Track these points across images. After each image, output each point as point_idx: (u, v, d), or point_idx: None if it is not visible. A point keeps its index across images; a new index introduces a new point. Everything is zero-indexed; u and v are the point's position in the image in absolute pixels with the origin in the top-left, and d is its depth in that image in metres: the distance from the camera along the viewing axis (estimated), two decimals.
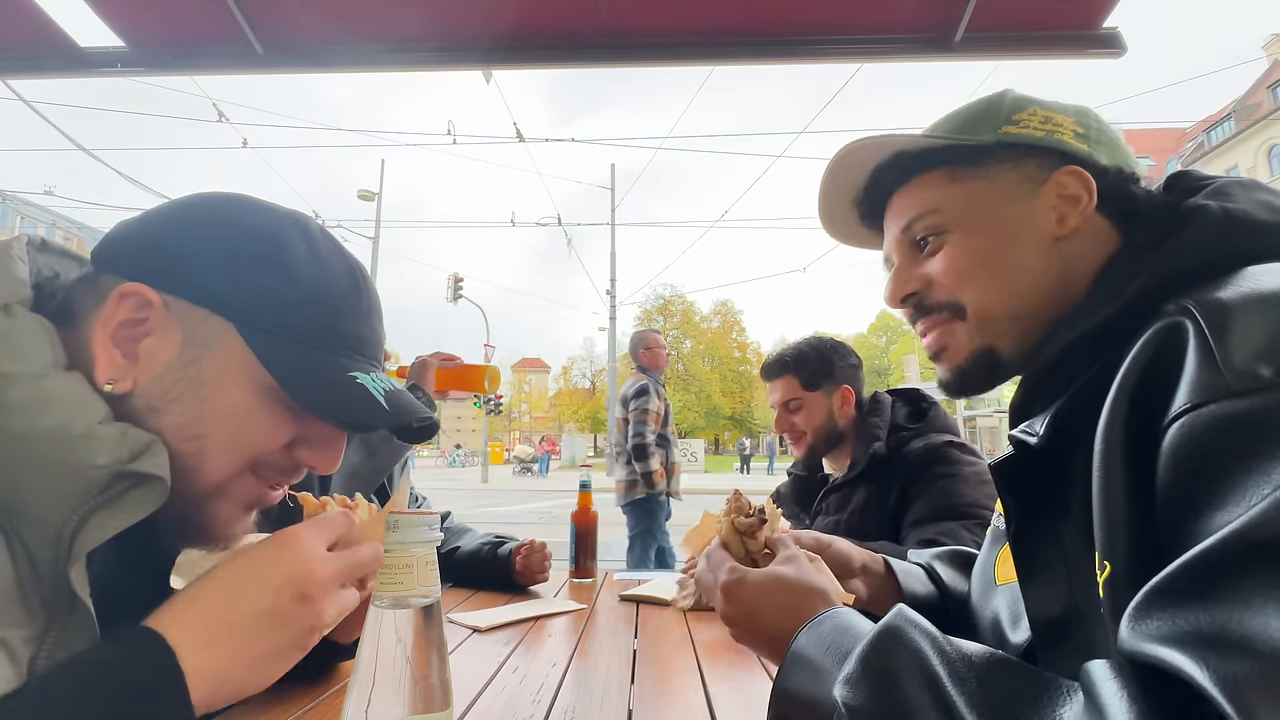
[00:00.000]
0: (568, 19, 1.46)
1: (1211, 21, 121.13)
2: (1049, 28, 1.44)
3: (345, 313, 0.53)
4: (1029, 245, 0.56)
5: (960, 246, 0.59)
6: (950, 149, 0.60)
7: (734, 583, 0.62)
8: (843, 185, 0.67)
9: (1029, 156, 0.57)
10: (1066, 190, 0.55)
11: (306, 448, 0.52)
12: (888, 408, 1.42)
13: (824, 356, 1.46)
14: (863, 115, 64.95)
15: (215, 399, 0.47)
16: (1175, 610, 0.31)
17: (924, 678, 0.39)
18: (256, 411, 0.48)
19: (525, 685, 0.80)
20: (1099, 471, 0.42)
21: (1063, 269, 0.55)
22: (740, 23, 1.47)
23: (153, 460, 0.43)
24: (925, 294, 0.62)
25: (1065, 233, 0.55)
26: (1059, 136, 0.57)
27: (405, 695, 0.36)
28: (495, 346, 18.65)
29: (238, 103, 18.36)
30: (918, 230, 0.61)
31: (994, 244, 0.57)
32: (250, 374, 0.48)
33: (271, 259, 0.49)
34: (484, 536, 1.48)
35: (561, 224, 17.75)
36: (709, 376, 44.03)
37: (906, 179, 0.63)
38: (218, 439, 0.47)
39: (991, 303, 0.57)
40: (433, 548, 0.39)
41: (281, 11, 1.42)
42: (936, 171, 0.61)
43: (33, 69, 1.49)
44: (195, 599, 0.43)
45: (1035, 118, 0.58)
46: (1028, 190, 0.57)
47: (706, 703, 0.75)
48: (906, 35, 1.48)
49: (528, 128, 70.67)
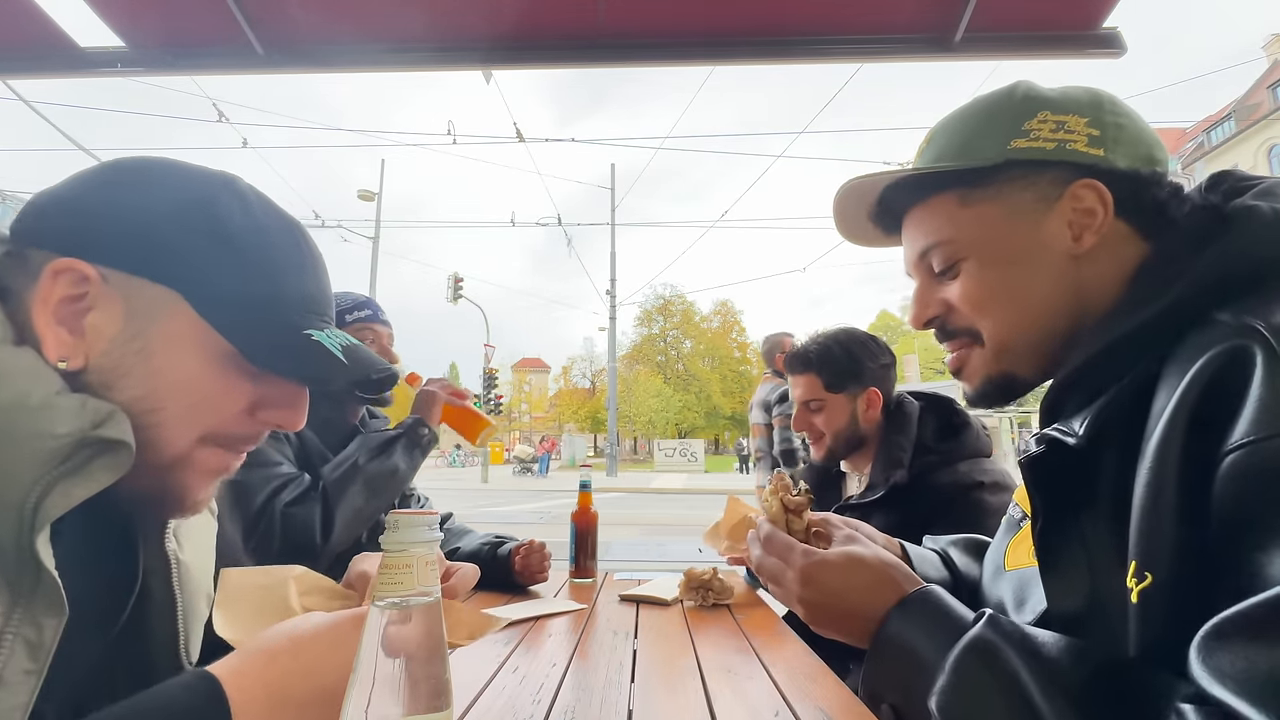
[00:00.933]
0: (568, 19, 1.46)
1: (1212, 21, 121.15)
2: (1049, 28, 1.44)
3: (289, 270, 0.52)
4: (1044, 269, 0.55)
5: (974, 276, 0.58)
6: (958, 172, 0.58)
7: (814, 565, 0.60)
8: (854, 209, 0.68)
9: (1041, 172, 0.56)
10: (1082, 204, 0.54)
11: (269, 409, 0.52)
12: (914, 421, 1.32)
13: (853, 356, 1.37)
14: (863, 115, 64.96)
15: (168, 370, 0.47)
16: (1247, 649, 0.32)
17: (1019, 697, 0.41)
18: (212, 379, 0.48)
19: (525, 685, 0.80)
20: (1147, 484, 0.42)
21: (1080, 286, 0.55)
22: (740, 23, 1.47)
23: (116, 426, 0.42)
24: (946, 318, 0.62)
25: (1082, 250, 0.54)
26: (1072, 146, 0.55)
27: (405, 695, 0.36)
28: (495, 346, 18.63)
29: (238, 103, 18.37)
30: (933, 259, 0.61)
31: (1008, 272, 0.57)
32: (201, 341, 0.47)
33: (206, 222, 0.48)
34: (484, 537, 1.48)
35: (561, 224, 17.75)
36: (709, 376, 44.00)
37: (919, 198, 0.62)
38: (176, 410, 0.47)
39: (1007, 332, 0.57)
40: (433, 548, 0.39)
41: (281, 12, 1.42)
42: (947, 194, 0.60)
43: (33, 69, 1.49)
44: (269, 665, 0.43)
45: (1046, 126, 0.55)
46: (1041, 209, 0.55)
47: (706, 703, 0.75)
48: (906, 35, 1.48)
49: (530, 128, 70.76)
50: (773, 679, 0.83)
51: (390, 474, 1.24)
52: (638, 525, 8.85)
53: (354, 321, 1.41)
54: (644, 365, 43.59)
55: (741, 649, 0.97)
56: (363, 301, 1.45)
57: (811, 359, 1.40)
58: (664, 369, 44.42)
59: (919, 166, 0.61)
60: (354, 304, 1.44)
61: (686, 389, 42.90)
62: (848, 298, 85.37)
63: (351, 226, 16.06)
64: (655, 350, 45.52)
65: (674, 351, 45.88)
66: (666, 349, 45.96)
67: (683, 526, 8.59)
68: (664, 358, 45.50)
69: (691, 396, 42.59)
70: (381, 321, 1.45)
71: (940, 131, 0.61)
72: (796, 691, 0.78)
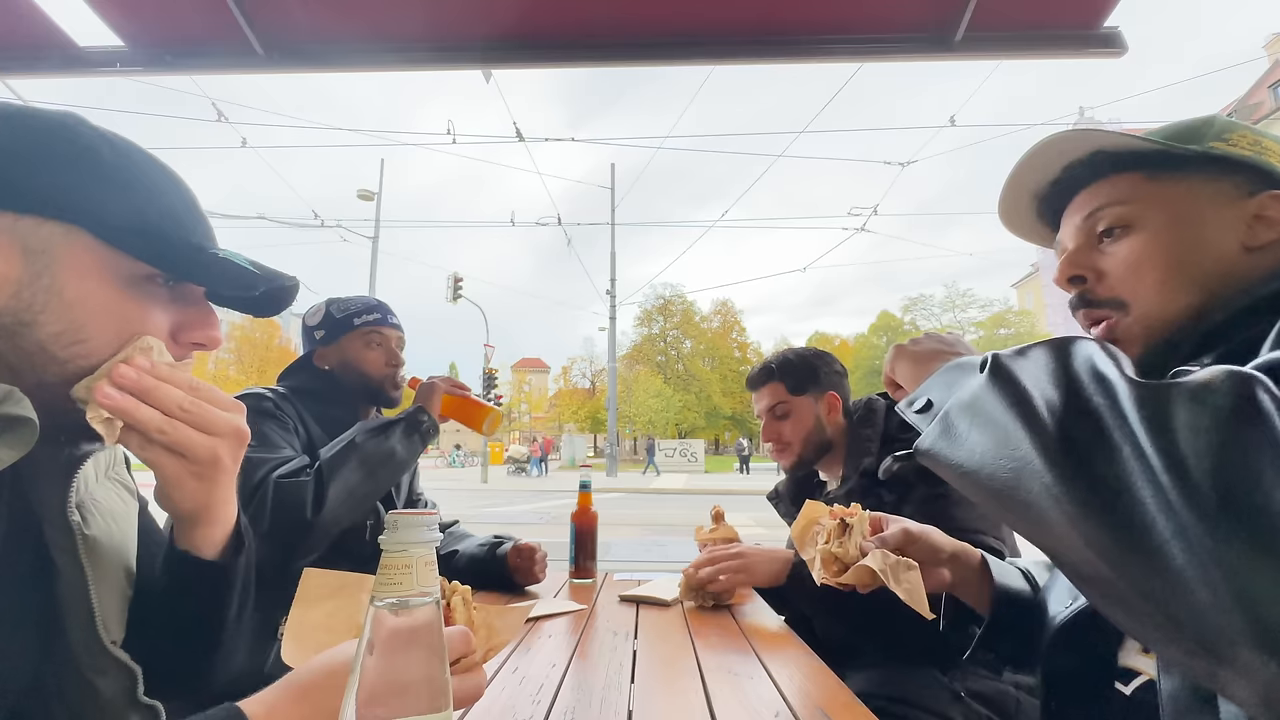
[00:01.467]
0: (568, 19, 1.46)
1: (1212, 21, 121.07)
2: (1049, 27, 1.44)
3: (171, 195, 0.53)
4: (1214, 253, 0.57)
5: (1143, 244, 0.59)
6: (1152, 153, 0.60)
7: None
8: (1034, 171, 0.68)
9: (1232, 173, 0.58)
10: (1266, 211, 0.56)
11: (189, 331, 0.54)
12: (881, 416, 1.38)
13: (808, 363, 1.46)
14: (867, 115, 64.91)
15: (84, 300, 0.47)
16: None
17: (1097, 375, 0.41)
18: (130, 303, 0.49)
19: (525, 685, 0.80)
20: None
21: (1245, 278, 0.55)
22: (740, 23, 1.47)
23: (15, 404, 0.43)
24: (1094, 285, 0.63)
25: (1256, 245, 0.56)
26: (1267, 159, 0.57)
27: (404, 696, 0.36)
28: (495, 346, 18.63)
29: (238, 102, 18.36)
30: (1102, 218, 0.62)
31: (1178, 247, 0.58)
32: (110, 268, 0.48)
33: (76, 153, 0.49)
34: (483, 539, 1.48)
35: (561, 224, 17.75)
36: (709, 376, 43.99)
37: (1098, 177, 0.63)
38: (102, 339, 0.48)
39: (1161, 304, 0.58)
40: (432, 548, 0.39)
41: (281, 11, 1.41)
42: (1134, 173, 0.61)
43: (32, 69, 1.49)
44: (301, 701, 0.44)
45: (1245, 139, 0.58)
46: (1222, 202, 0.57)
47: (706, 703, 0.75)
48: (906, 35, 1.47)
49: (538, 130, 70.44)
50: (773, 679, 0.83)
51: (387, 456, 1.23)
52: (638, 525, 8.85)
53: (363, 325, 1.41)
54: (644, 365, 43.57)
55: (741, 649, 0.97)
56: (373, 305, 1.45)
57: (773, 369, 1.47)
58: (664, 369, 44.40)
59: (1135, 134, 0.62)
60: (364, 307, 1.44)
61: (686, 389, 42.89)
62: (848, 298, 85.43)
63: (351, 226, 16.07)
64: (655, 350, 45.51)
65: (674, 351, 45.86)
66: (666, 349, 45.95)
67: (683, 526, 8.59)
68: (664, 358, 45.49)
69: (691, 396, 42.58)
70: (391, 325, 1.45)
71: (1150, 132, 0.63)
72: (796, 692, 0.78)
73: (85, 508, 0.55)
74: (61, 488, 0.53)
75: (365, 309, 1.43)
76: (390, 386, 1.43)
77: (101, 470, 0.61)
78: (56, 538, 0.52)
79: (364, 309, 1.43)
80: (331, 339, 1.42)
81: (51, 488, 0.53)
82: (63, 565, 0.52)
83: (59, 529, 0.53)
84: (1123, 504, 0.35)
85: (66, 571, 0.52)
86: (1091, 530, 0.37)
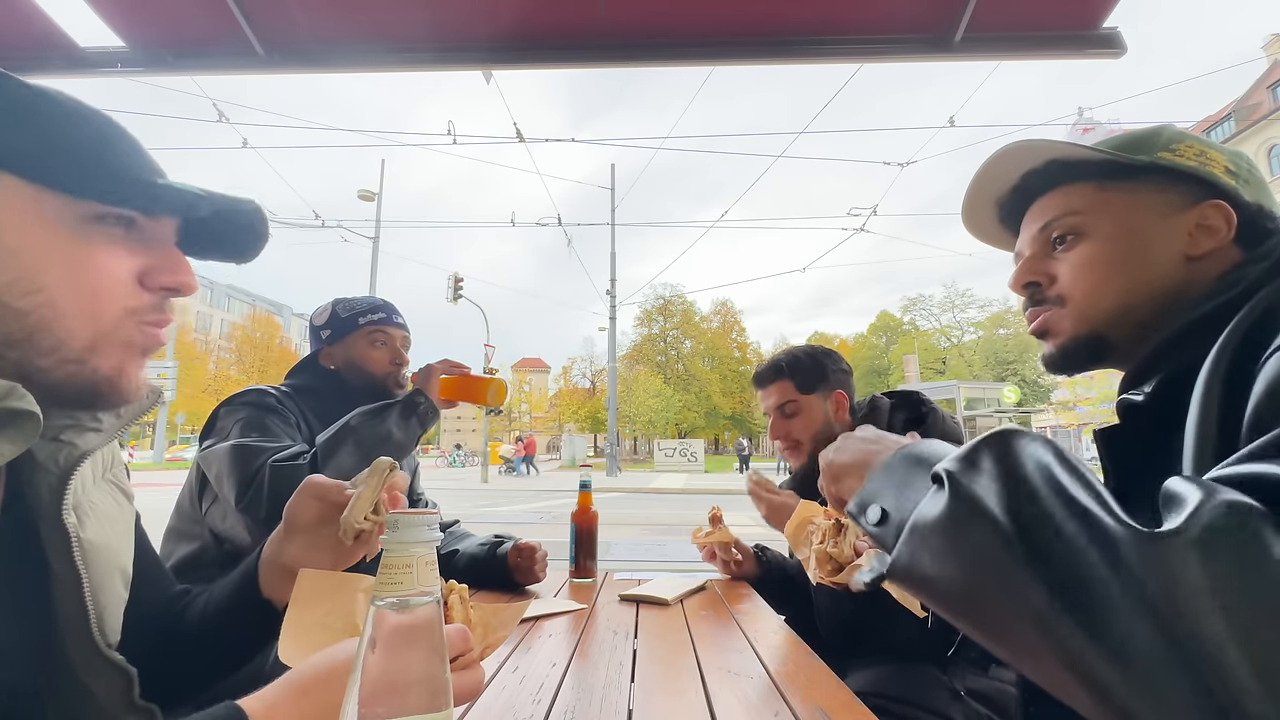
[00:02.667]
0: (568, 19, 1.46)
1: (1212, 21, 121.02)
2: (1049, 27, 1.44)
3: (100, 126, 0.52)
4: (1158, 257, 0.60)
5: (1091, 251, 0.63)
6: (1103, 163, 0.63)
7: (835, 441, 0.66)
8: (993, 179, 0.71)
9: (1178, 183, 0.61)
10: (1207, 220, 0.59)
11: (157, 275, 0.53)
12: (884, 414, 1.39)
13: (817, 361, 1.46)
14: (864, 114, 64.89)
15: (27, 247, 0.46)
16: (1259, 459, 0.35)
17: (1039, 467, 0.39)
18: (81, 246, 0.48)
19: (525, 685, 0.80)
20: (1200, 397, 0.45)
21: (1184, 285, 0.59)
22: (740, 23, 1.47)
23: (19, 399, 0.43)
24: (1046, 288, 0.67)
25: (1196, 254, 0.59)
26: (1211, 169, 0.60)
27: (404, 695, 0.36)
28: (495, 346, 18.62)
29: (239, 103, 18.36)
30: (1056, 228, 0.66)
31: (1126, 249, 0.61)
32: (51, 210, 0.47)
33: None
34: (484, 539, 1.48)
35: (561, 224, 17.74)
36: (709, 376, 44.01)
37: (1053, 186, 0.67)
38: (57, 287, 0.47)
39: (1105, 298, 0.62)
40: (433, 548, 0.39)
41: (281, 11, 1.42)
42: (1086, 183, 0.65)
43: (32, 69, 1.49)
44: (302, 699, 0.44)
45: (1191, 150, 0.61)
46: (1168, 212, 0.61)
47: (706, 703, 0.75)
48: (906, 35, 1.47)
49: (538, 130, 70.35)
50: (773, 679, 0.83)
51: (383, 439, 1.23)
52: (638, 525, 8.85)
53: (367, 324, 1.42)
54: (644, 365, 43.56)
55: (741, 649, 0.97)
56: (379, 304, 1.46)
57: (782, 366, 1.47)
58: (664, 369, 44.40)
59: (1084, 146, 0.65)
60: (369, 306, 1.44)
61: (686, 389, 42.90)
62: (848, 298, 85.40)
63: (352, 227, 16.07)
64: (655, 350, 45.52)
65: (674, 351, 45.87)
66: (666, 349, 45.96)
67: (683, 526, 8.59)
68: (664, 358, 45.49)
69: (691, 396, 42.58)
70: (396, 324, 1.46)
71: (1100, 143, 0.66)
72: (796, 691, 0.78)
73: (82, 510, 0.55)
74: (57, 489, 0.53)
75: (370, 308, 1.44)
76: (394, 385, 1.43)
77: (99, 472, 0.61)
78: (52, 539, 0.52)
79: (369, 308, 1.44)
80: (337, 338, 1.42)
81: (48, 489, 0.52)
82: (58, 568, 0.52)
83: (55, 531, 0.52)
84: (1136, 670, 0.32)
85: (62, 574, 0.52)
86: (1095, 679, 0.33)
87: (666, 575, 1.49)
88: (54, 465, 0.53)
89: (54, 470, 0.53)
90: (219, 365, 41.17)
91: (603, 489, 14.72)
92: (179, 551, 1.19)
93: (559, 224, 17.70)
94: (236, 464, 1.10)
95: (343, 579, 0.63)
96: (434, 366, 1.40)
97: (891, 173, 13.92)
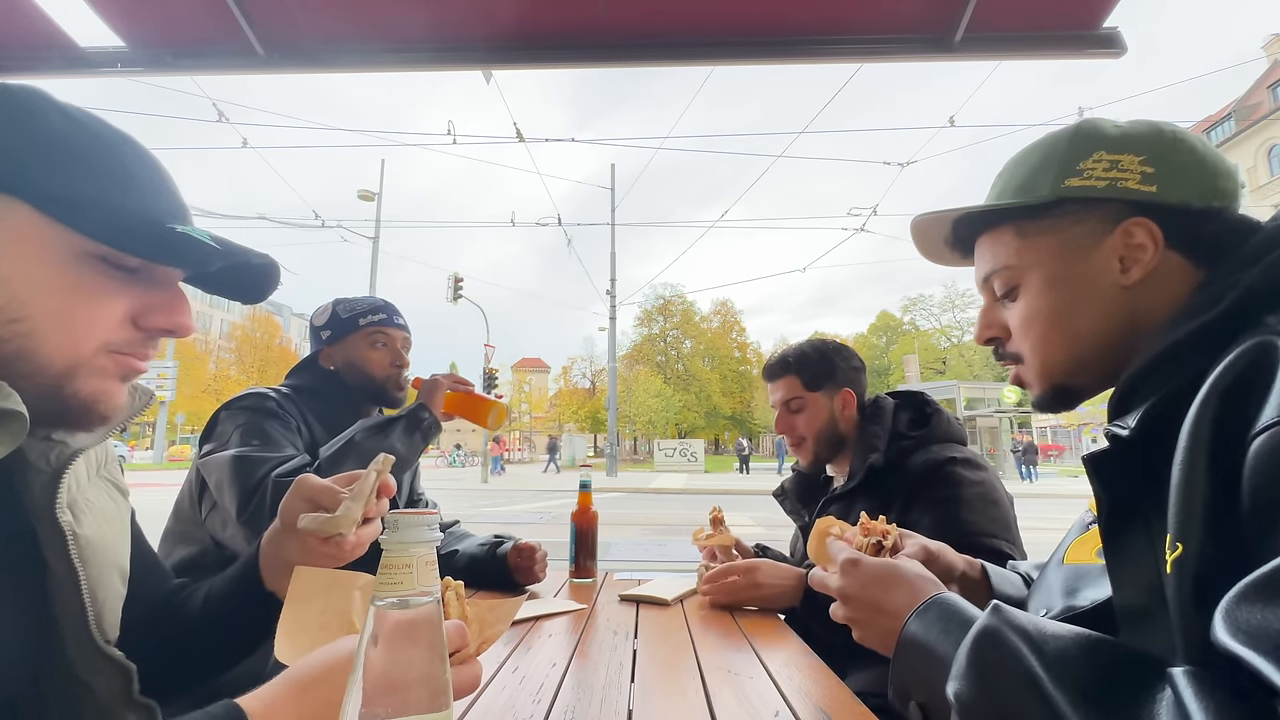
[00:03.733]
0: (568, 19, 1.46)
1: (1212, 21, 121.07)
2: (1049, 27, 1.44)
3: (135, 171, 0.51)
4: (1091, 298, 0.59)
5: (1027, 302, 0.64)
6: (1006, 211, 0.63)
7: (851, 562, 0.68)
8: (926, 243, 0.74)
9: (1093, 209, 0.59)
10: (1133, 240, 0.57)
11: (152, 315, 0.52)
12: (889, 414, 1.38)
13: (826, 357, 1.44)
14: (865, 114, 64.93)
15: (18, 275, 0.46)
16: (1266, 608, 0.33)
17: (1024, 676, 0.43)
18: (75, 282, 0.48)
19: (525, 685, 0.80)
20: (1182, 460, 0.44)
21: (1133, 311, 0.58)
22: (740, 23, 1.47)
23: (4, 399, 0.43)
24: (1004, 341, 0.68)
25: (1131, 281, 0.57)
26: (1123, 184, 0.57)
27: (404, 695, 0.36)
28: (495, 346, 18.61)
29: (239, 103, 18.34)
30: (994, 284, 0.67)
31: (1056, 299, 0.61)
32: (53, 243, 0.47)
33: (19, 122, 0.46)
34: (484, 538, 1.48)
35: (561, 224, 17.74)
36: (709, 376, 44.01)
37: (979, 232, 0.68)
38: (43, 316, 0.47)
39: (1047, 353, 0.62)
40: (433, 548, 0.39)
41: (282, 11, 1.42)
42: (1006, 227, 0.65)
43: (32, 69, 1.49)
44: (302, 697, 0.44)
45: (1100, 165, 0.59)
46: (1090, 243, 0.59)
47: (706, 703, 0.75)
48: (906, 35, 1.48)
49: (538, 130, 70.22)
50: (773, 679, 0.83)
51: None
52: (638, 525, 8.85)
53: (368, 325, 1.41)
54: (644, 365, 43.56)
55: (741, 649, 0.97)
56: (379, 305, 1.45)
57: (790, 362, 1.46)
58: (664, 369, 44.40)
59: (980, 205, 0.67)
60: (370, 307, 1.44)
61: (686, 389, 42.89)
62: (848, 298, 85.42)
63: (352, 227, 16.07)
64: (655, 350, 45.51)
65: (674, 351, 45.87)
66: (666, 349, 45.95)
67: (683, 526, 8.59)
68: (664, 358, 45.49)
69: (691, 396, 42.58)
70: (396, 325, 1.45)
71: (1007, 168, 0.66)
72: (796, 691, 0.78)
73: (77, 507, 0.55)
74: (50, 488, 0.52)
75: (371, 309, 1.43)
76: (394, 387, 1.43)
77: (94, 469, 0.60)
78: (48, 537, 0.52)
79: (369, 309, 1.43)
80: (337, 339, 1.42)
81: (40, 488, 0.52)
82: (55, 566, 0.52)
83: (50, 529, 0.52)
84: None
85: (58, 571, 0.52)
86: None
87: (666, 575, 1.49)
88: (45, 464, 0.52)
89: (46, 469, 0.52)
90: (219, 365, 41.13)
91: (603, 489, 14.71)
92: (177, 554, 1.19)
93: (559, 224, 17.70)
94: (238, 476, 1.09)
95: (338, 576, 0.63)
96: (440, 380, 1.39)
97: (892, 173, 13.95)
